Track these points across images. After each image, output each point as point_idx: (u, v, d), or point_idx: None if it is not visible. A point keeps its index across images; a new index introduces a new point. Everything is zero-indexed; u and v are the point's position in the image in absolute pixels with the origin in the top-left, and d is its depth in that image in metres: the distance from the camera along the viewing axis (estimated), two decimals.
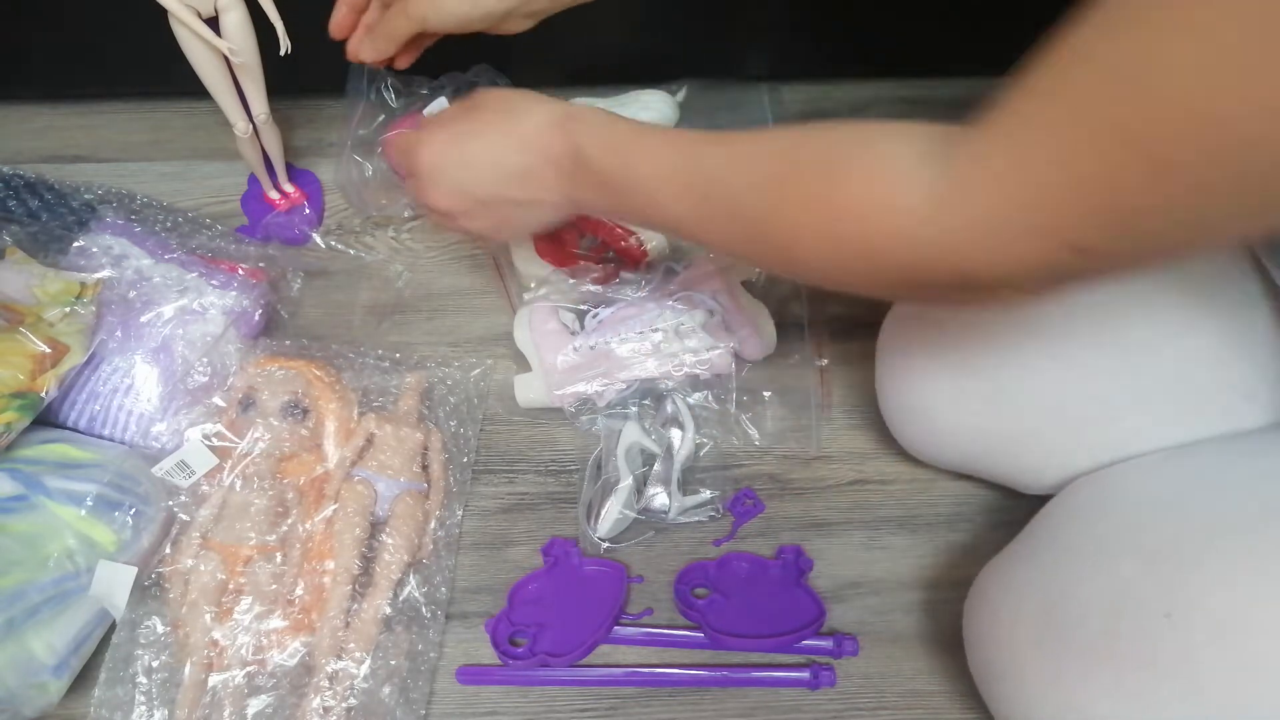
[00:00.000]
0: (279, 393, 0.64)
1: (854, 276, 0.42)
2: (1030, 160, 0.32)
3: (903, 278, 0.39)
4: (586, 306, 0.71)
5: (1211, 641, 0.41)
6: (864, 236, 0.38)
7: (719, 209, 0.46)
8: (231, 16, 0.61)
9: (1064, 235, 0.33)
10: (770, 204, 0.42)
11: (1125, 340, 0.51)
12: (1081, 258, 0.33)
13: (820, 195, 0.40)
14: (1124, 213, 0.31)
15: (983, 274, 0.36)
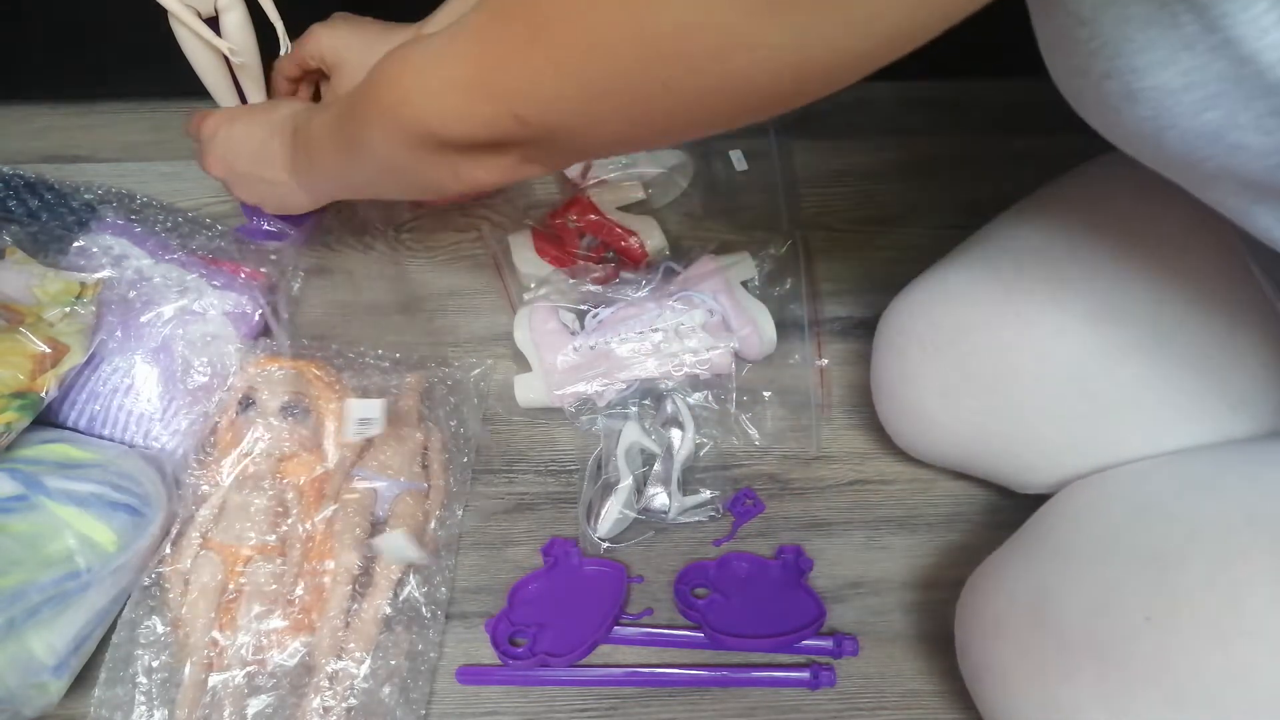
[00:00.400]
0: (279, 393, 0.64)
1: (394, 147, 0.47)
2: (490, 37, 0.39)
3: (413, 135, 0.45)
4: (586, 306, 0.71)
5: (1190, 645, 0.41)
6: (390, 101, 0.45)
7: (342, 134, 0.53)
8: (231, 16, 0.61)
9: (509, 103, 0.39)
10: (356, 134, 0.50)
11: (1119, 341, 0.52)
12: (525, 128, 0.40)
13: (370, 98, 0.47)
14: (543, 91, 0.38)
15: (450, 127, 0.43)
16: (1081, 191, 0.57)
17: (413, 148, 0.46)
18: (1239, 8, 0.28)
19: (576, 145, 0.43)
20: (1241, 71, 0.29)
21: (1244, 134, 0.31)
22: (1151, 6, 0.30)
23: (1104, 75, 0.33)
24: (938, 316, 0.57)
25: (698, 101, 0.35)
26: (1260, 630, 0.40)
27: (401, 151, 0.47)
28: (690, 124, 0.39)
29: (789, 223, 0.79)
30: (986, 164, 0.82)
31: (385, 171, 0.52)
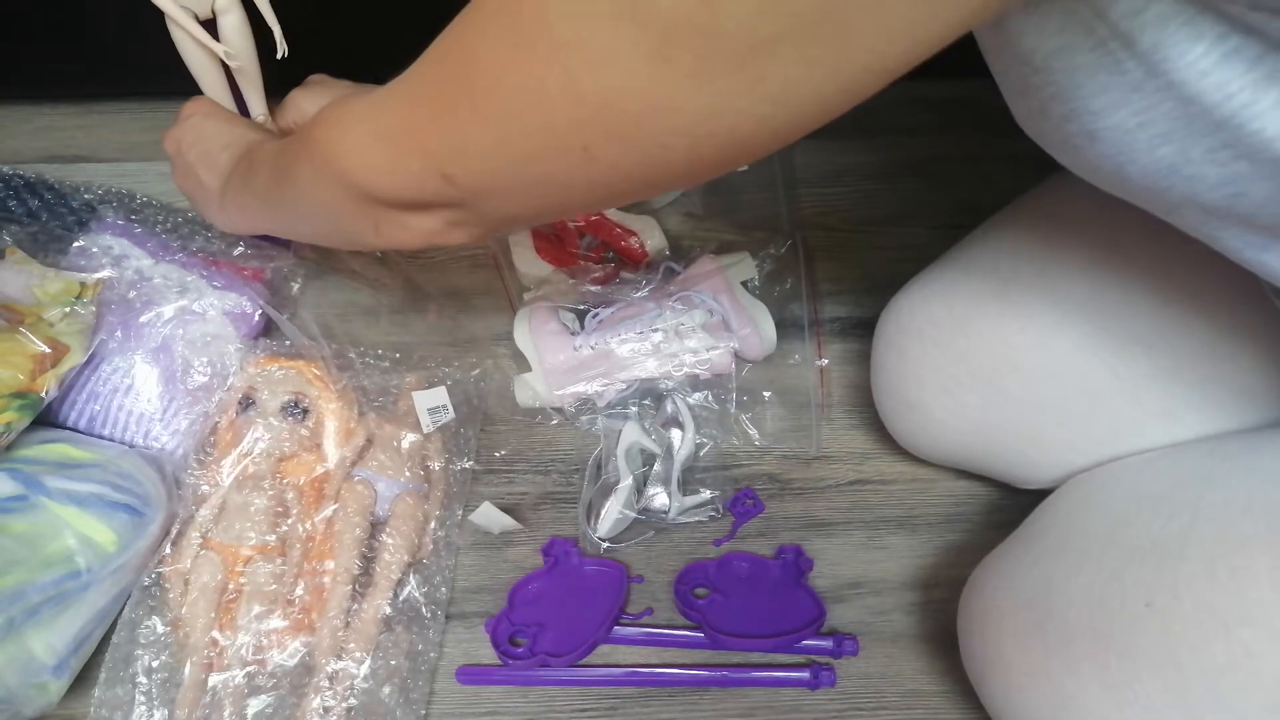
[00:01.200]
0: (279, 393, 0.64)
1: (324, 195, 0.47)
2: (419, 95, 0.40)
3: (343, 188, 0.45)
4: (586, 306, 0.71)
5: (1192, 631, 0.41)
6: (323, 149, 0.45)
7: (277, 169, 0.53)
8: (229, 19, 0.61)
9: (436, 161, 0.39)
10: (289, 168, 0.51)
11: (1117, 333, 0.52)
12: (452, 187, 0.40)
13: (307, 135, 0.47)
14: (468, 150, 0.38)
15: (380, 183, 0.43)
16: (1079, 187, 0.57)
17: (338, 195, 0.46)
18: (1177, 53, 0.29)
19: (503, 210, 0.42)
20: (1189, 110, 0.30)
21: (1198, 166, 0.33)
22: (1097, 54, 0.31)
23: (1064, 118, 0.34)
24: (937, 313, 0.58)
25: (619, 167, 0.35)
26: (1261, 617, 0.40)
27: (327, 197, 0.47)
28: (613, 191, 0.39)
29: (789, 223, 0.79)
30: (986, 164, 0.82)
31: (308, 214, 0.52)
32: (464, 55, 0.36)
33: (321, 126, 0.46)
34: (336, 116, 0.45)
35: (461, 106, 0.37)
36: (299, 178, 0.49)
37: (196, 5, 0.60)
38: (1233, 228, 0.37)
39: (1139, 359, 0.52)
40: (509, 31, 0.33)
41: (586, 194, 0.40)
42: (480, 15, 0.36)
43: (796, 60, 0.29)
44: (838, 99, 0.31)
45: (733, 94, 0.31)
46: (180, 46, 0.62)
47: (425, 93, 0.39)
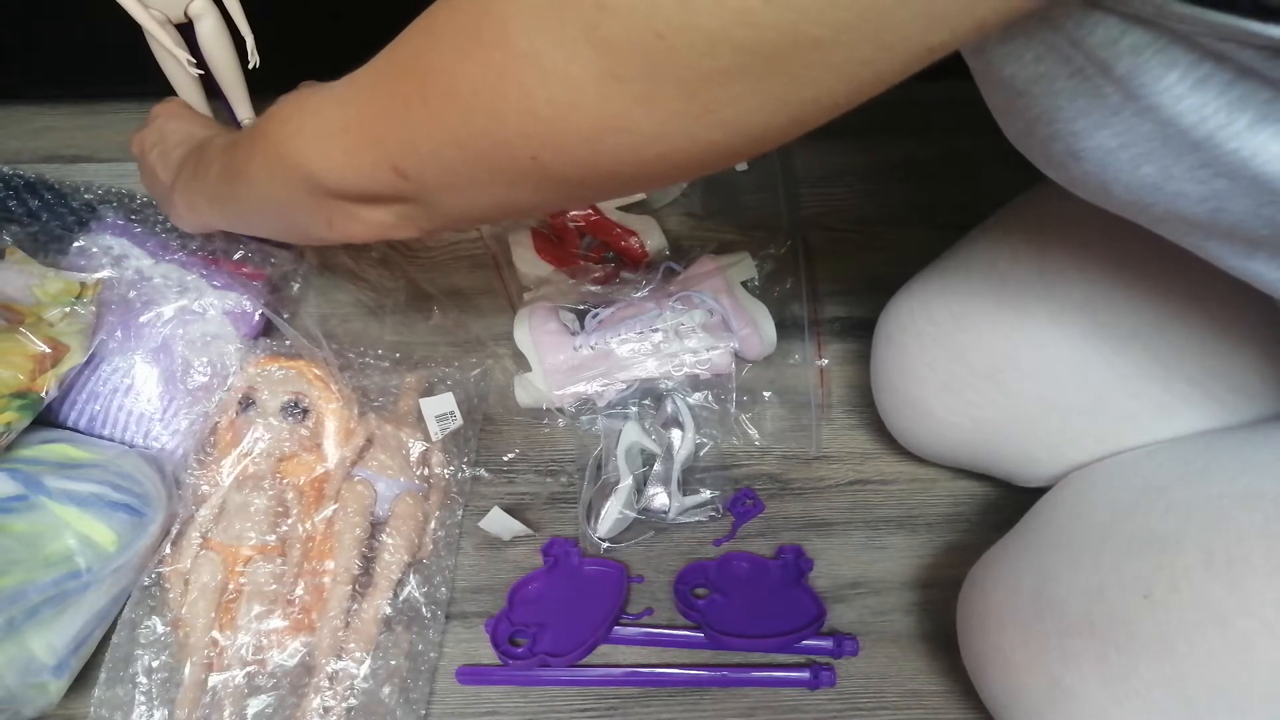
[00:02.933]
0: (279, 393, 0.64)
1: (279, 188, 0.48)
2: (376, 91, 0.40)
3: (298, 179, 0.45)
4: (586, 306, 0.71)
5: (1190, 623, 0.42)
6: (278, 142, 0.46)
7: (230, 162, 0.53)
8: (205, 24, 0.61)
9: (389, 156, 0.40)
10: (242, 162, 0.51)
11: (1116, 329, 0.52)
12: (405, 182, 0.40)
13: (260, 130, 0.48)
14: (419, 148, 0.39)
15: (334, 176, 0.43)
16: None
17: (292, 188, 0.46)
18: (1153, 79, 0.30)
19: (454, 207, 0.43)
20: (1167, 131, 0.31)
21: (1180, 184, 0.33)
22: (1075, 81, 0.32)
23: (1048, 138, 0.35)
24: (936, 311, 0.58)
25: (567, 176, 0.36)
26: (1258, 609, 0.40)
27: (281, 190, 0.47)
28: (561, 196, 0.40)
29: (789, 223, 0.79)
30: (986, 164, 0.81)
31: (261, 207, 0.52)
32: (421, 55, 0.37)
33: (275, 120, 0.46)
34: (290, 111, 0.45)
35: (415, 103, 0.37)
36: (252, 172, 0.49)
37: (169, 9, 0.60)
38: (1216, 239, 0.37)
39: (1138, 355, 0.52)
40: (468, 37, 0.34)
41: (534, 197, 0.40)
42: (441, 18, 0.36)
43: (747, 93, 0.30)
44: (787, 128, 0.32)
45: (683, 119, 0.31)
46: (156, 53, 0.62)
47: (381, 88, 0.40)
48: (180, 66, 0.63)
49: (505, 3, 0.32)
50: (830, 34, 0.27)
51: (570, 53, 0.31)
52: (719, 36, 0.28)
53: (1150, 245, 0.52)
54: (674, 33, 0.28)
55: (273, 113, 0.47)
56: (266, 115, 0.48)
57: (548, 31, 0.31)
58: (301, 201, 0.47)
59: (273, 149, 0.46)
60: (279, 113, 0.46)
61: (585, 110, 0.32)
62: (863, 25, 0.27)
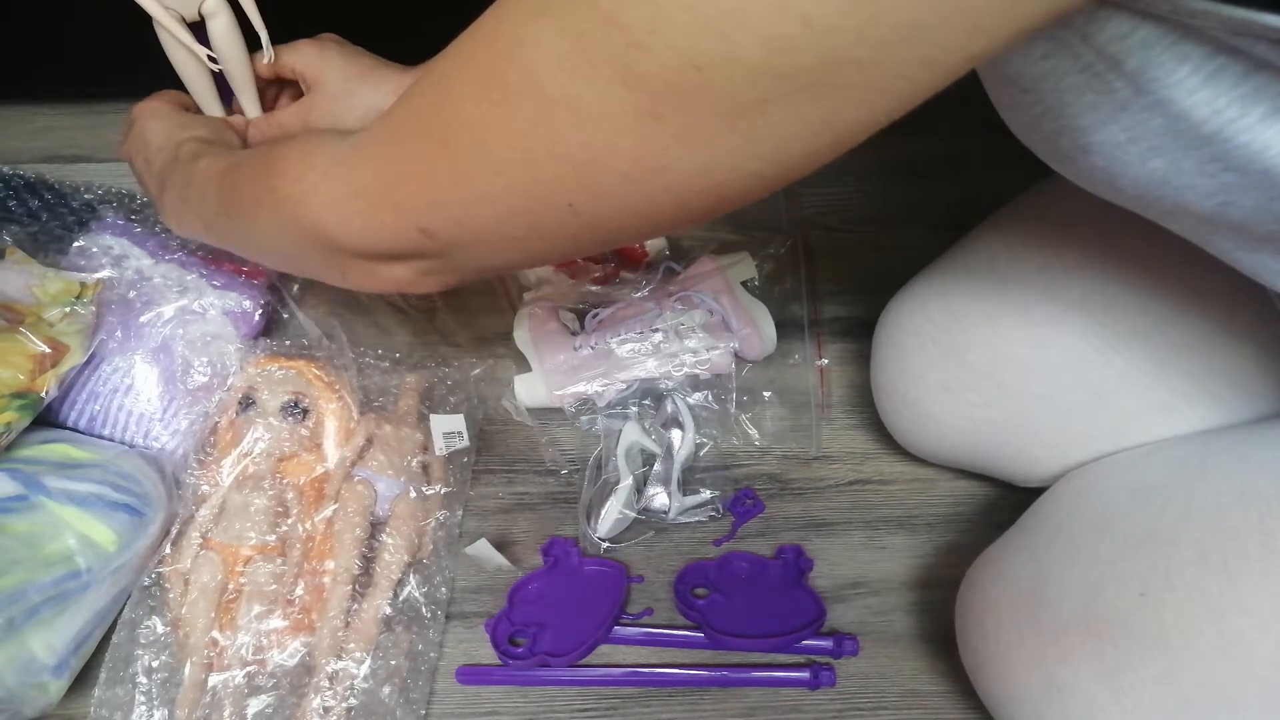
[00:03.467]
0: (279, 393, 0.64)
1: (288, 242, 0.47)
2: (393, 150, 0.39)
3: (312, 240, 0.44)
4: (586, 306, 0.71)
5: (1186, 620, 0.42)
6: (288, 201, 0.44)
7: (227, 200, 0.52)
8: (217, 22, 0.61)
9: (413, 216, 0.39)
10: (249, 187, 0.49)
11: (1115, 328, 0.52)
12: (430, 240, 0.39)
13: (267, 184, 0.46)
14: (447, 205, 0.37)
15: (353, 238, 0.42)
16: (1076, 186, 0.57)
17: (304, 246, 0.45)
18: (1165, 73, 0.30)
19: (480, 261, 0.41)
20: (1177, 126, 0.31)
21: (1190, 178, 0.33)
22: (1084, 76, 0.31)
23: (1055, 132, 0.35)
24: (936, 312, 0.58)
25: (605, 221, 0.35)
26: (1254, 605, 0.40)
27: (292, 245, 0.46)
28: (597, 241, 0.39)
29: (789, 223, 0.79)
30: (986, 164, 0.82)
31: (266, 250, 0.51)
32: (440, 110, 0.36)
33: (286, 179, 0.44)
34: (299, 170, 0.43)
35: (439, 162, 0.36)
36: (260, 222, 0.48)
37: (183, 7, 0.60)
38: (1224, 233, 0.37)
39: (1137, 354, 0.52)
40: (492, 87, 0.33)
41: (570, 246, 0.39)
42: (461, 69, 0.35)
43: (788, 119, 0.29)
44: (829, 150, 0.32)
45: (724, 151, 0.31)
46: (167, 49, 0.62)
47: (398, 148, 0.38)
48: (194, 65, 0.63)
49: (529, 48, 0.31)
50: (871, 54, 0.27)
51: (604, 93, 0.30)
52: (759, 66, 0.27)
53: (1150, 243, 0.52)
54: (712, 66, 0.28)
55: (279, 169, 0.45)
56: (270, 168, 0.46)
57: (579, 74, 0.30)
58: (313, 257, 0.45)
59: (285, 208, 0.44)
60: (287, 170, 0.44)
61: (623, 151, 0.31)
62: (905, 42, 0.27)
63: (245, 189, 0.49)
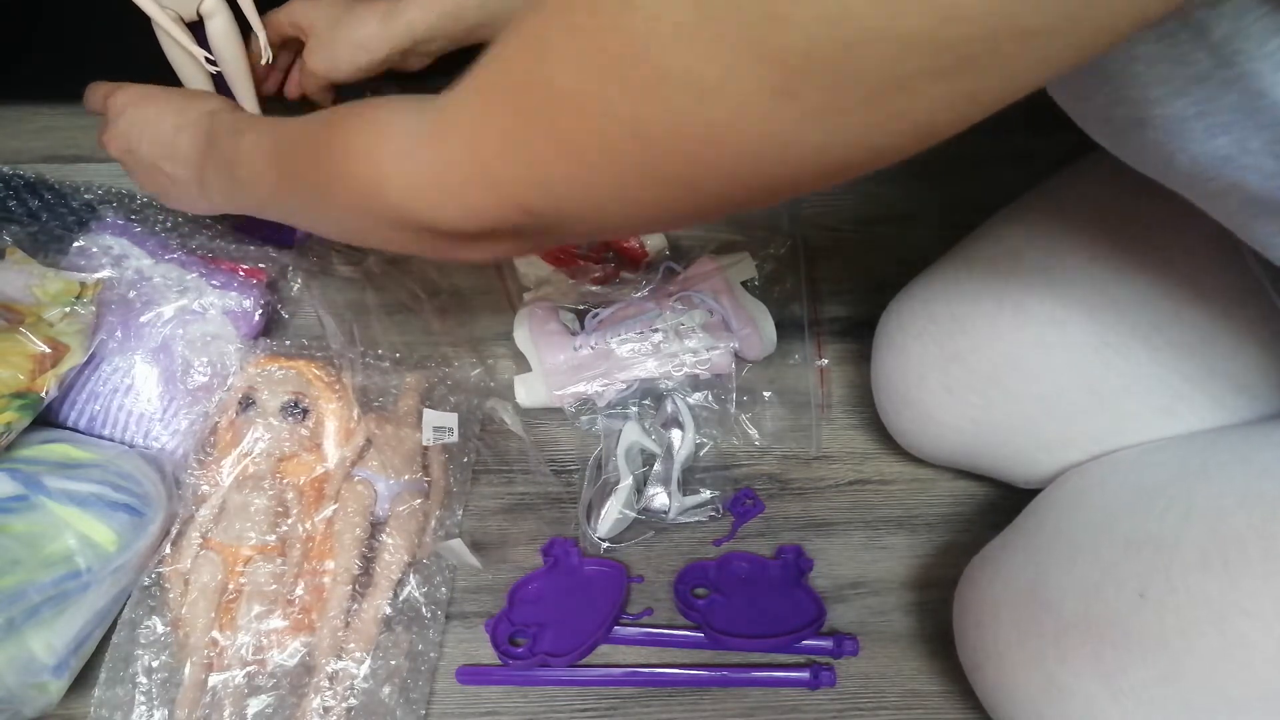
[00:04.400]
0: (279, 393, 0.64)
1: (365, 223, 0.44)
2: (485, 124, 0.35)
3: (394, 221, 0.41)
4: (586, 306, 0.71)
5: (1186, 621, 0.42)
6: (364, 184, 0.41)
7: (286, 180, 0.49)
8: (215, 22, 0.61)
9: (512, 194, 0.36)
10: (313, 168, 0.46)
11: (1118, 329, 0.52)
12: (530, 217, 0.36)
13: (337, 168, 0.43)
14: (551, 182, 0.35)
15: (445, 219, 0.39)
16: (1077, 185, 0.58)
17: (386, 227, 0.42)
18: (1254, 45, 0.28)
19: (583, 230, 0.39)
20: (1255, 103, 0.30)
21: (1255, 158, 0.32)
22: (1162, 45, 0.30)
23: (1113, 103, 0.33)
24: (937, 312, 0.58)
25: (718, 195, 0.33)
26: (1254, 608, 0.40)
27: (371, 226, 0.44)
28: (711, 210, 0.36)
29: (789, 223, 0.79)
30: (986, 164, 0.81)
31: (338, 230, 0.49)
32: (536, 83, 0.33)
33: (359, 161, 0.41)
34: (376, 150, 0.40)
35: (540, 140, 0.33)
36: (329, 202, 0.45)
37: (182, 7, 0.60)
38: (1266, 217, 0.36)
39: (1139, 355, 0.52)
40: (593, 58, 0.30)
41: (679, 217, 0.38)
42: (552, 37, 0.32)
43: (935, 94, 0.27)
44: (961, 124, 0.30)
45: (857, 130, 0.29)
46: (166, 50, 0.62)
47: (493, 121, 0.35)
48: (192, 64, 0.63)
49: (638, 14, 0.28)
50: (1045, 23, 0.25)
51: (730, 69, 0.27)
52: (920, 37, 0.25)
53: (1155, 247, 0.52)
54: (867, 40, 0.25)
55: (348, 149, 0.42)
56: (337, 147, 0.43)
57: (700, 46, 0.27)
58: (398, 239, 0.42)
59: (362, 195, 0.41)
60: (358, 150, 0.41)
61: (747, 129, 0.29)
62: (1082, 13, 0.25)
63: (308, 169, 0.46)
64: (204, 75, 0.64)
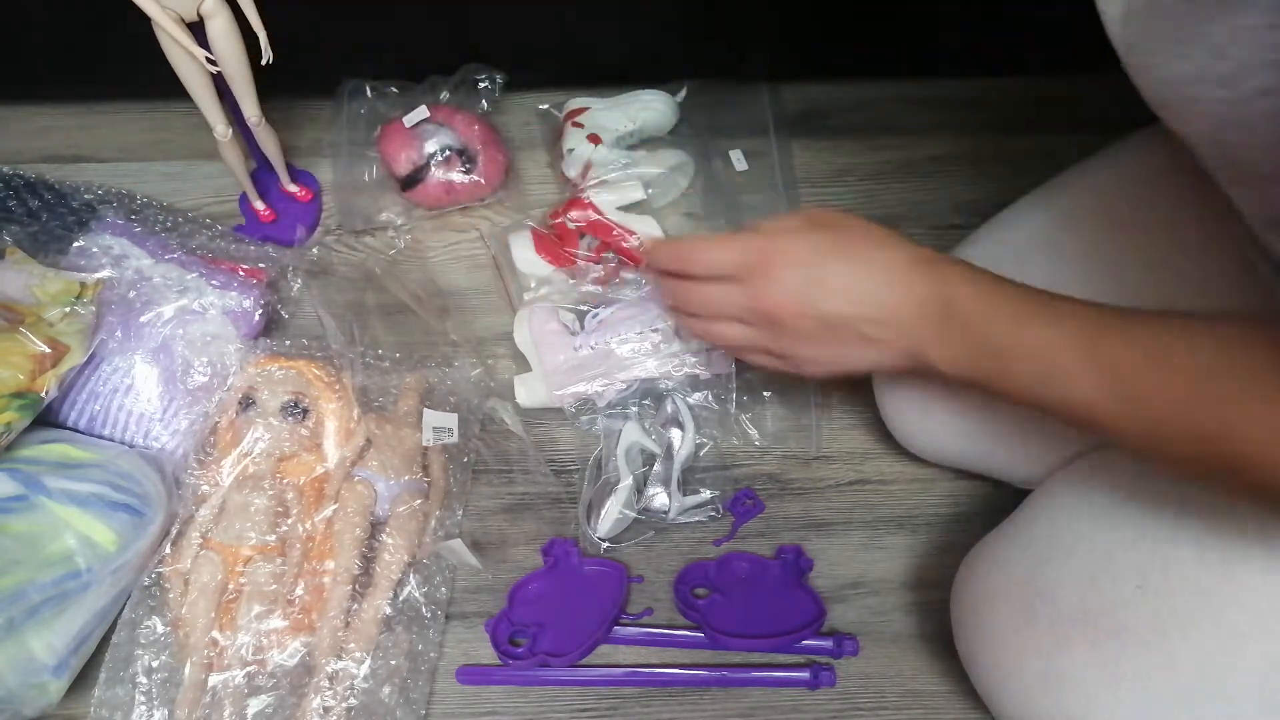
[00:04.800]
0: (279, 393, 0.64)
1: (1232, 485, 0.39)
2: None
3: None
4: (586, 306, 0.71)
5: (1183, 613, 0.42)
6: (1258, 475, 0.36)
7: (1140, 409, 0.40)
8: (216, 23, 0.61)
9: None
10: (1213, 417, 0.38)
11: None
12: None
13: (1214, 426, 0.37)
14: None
15: None
16: (1080, 186, 0.58)
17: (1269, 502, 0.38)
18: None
19: None
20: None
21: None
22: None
23: (1261, 91, 0.31)
24: None
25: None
26: (1250, 601, 0.41)
27: (1237, 489, 0.39)
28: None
29: None
30: (986, 164, 0.82)
31: (1173, 461, 0.41)
32: None
33: (1252, 446, 0.35)
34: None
35: None
36: (1180, 448, 0.39)
37: (182, 8, 0.60)
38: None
39: None
40: None
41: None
42: None
43: None
44: None
45: None
46: (166, 51, 0.62)
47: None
48: (193, 66, 0.63)
49: None
50: None
51: None
52: None
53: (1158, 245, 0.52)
54: None
55: (1231, 425, 0.36)
56: (1209, 412, 0.37)
57: None
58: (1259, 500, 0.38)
59: (1243, 469, 0.36)
60: (1247, 435, 0.36)
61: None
62: None
63: (1164, 412, 0.39)
64: (205, 77, 0.64)
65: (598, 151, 0.77)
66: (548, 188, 0.82)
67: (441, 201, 0.78)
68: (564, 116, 0.81)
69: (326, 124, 0.83)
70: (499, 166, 0.78)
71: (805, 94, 0.87)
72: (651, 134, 0.81)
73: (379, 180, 0.79)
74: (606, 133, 0.78)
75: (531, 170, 0.83)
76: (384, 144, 0.77)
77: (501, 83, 0.80)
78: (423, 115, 0.76)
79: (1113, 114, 0.53)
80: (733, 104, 0.84)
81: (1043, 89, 0.85)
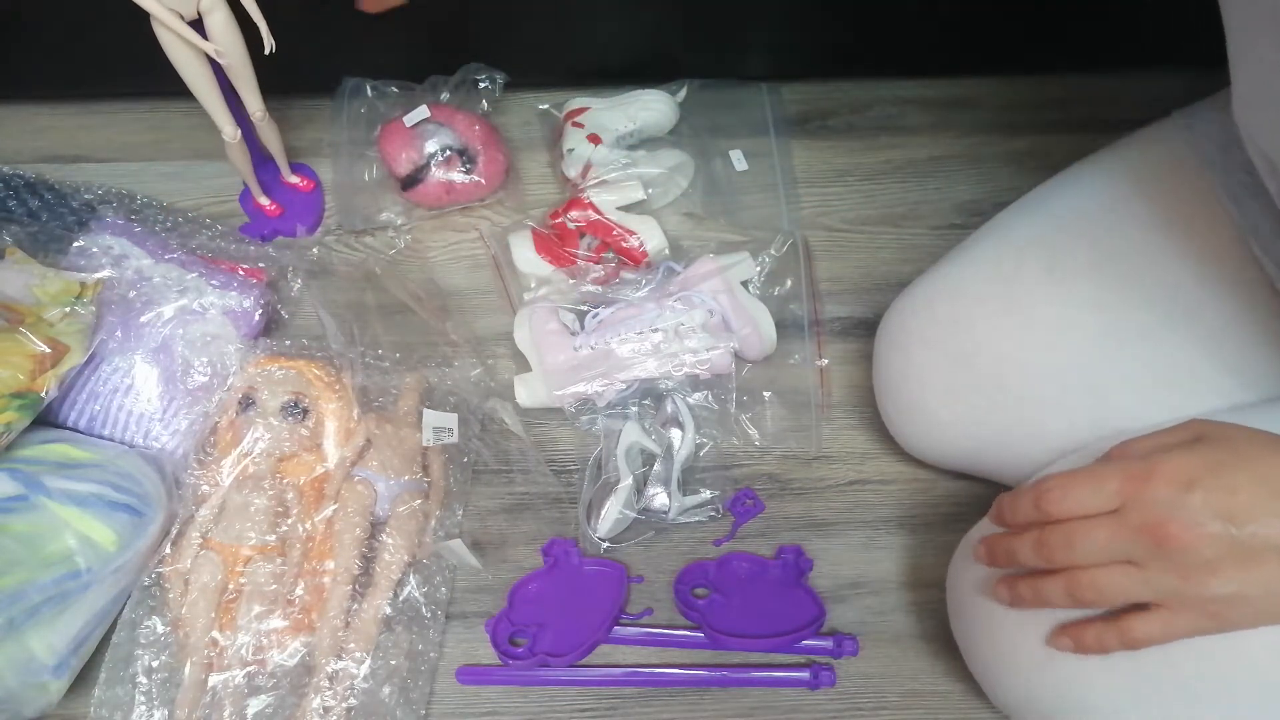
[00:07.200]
0: (279, 393, 0.64)
1: None
2: None
3: None
4: (586, 306, 0.71)
5: None
6: None
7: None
8: (216, 18, 0.61)
9: None
10: None
11: (1123, 329, 0.52)
12: None
13: None
14: None
15: None
16: (1081, 185, 0.58)
17: None
18: None
19: None
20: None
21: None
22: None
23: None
24: (940, 313, 0.58)
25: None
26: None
27: None
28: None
29: (789, 223, 0.79)
30: (986, 164, 0.82)
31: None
32: None
33: None
34: None
35: None
36: None
37: (182, 5, 0.60)
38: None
39: (1146, 354, 0.52)
40: None
41: None
42: None
43: None
44: None
45: None
46: (166, 47, 0.62)
47: None
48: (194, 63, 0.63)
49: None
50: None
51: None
52: None
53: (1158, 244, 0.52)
54: None
55: None
56: None
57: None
58: None
59: None
60: None
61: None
62: None
63: None
64: (207, 73, 0.64)
65: (598, 151, 0.77)
66: (548, 188, 0.82)
67: (441, 201, 0.78)
68: (564, 116, 0.81)
69: (326, 123, 0.83)
70: (499, 166, 0.78)
71: (805, 94, 0.87)
72: (651, 134, 0.81)
73: (379, 180, 0.79)
74: (606, 133, 0.78)
75: (531, 170, 0.83)
76: (384, 143, 0.77)
77: (501, 83, 0.80)
78: (423, 115, 0.76)
79: (1112, 114, 0.53)
80: (733, 104, 0.84)
81: (1043, 89, 0.85)
